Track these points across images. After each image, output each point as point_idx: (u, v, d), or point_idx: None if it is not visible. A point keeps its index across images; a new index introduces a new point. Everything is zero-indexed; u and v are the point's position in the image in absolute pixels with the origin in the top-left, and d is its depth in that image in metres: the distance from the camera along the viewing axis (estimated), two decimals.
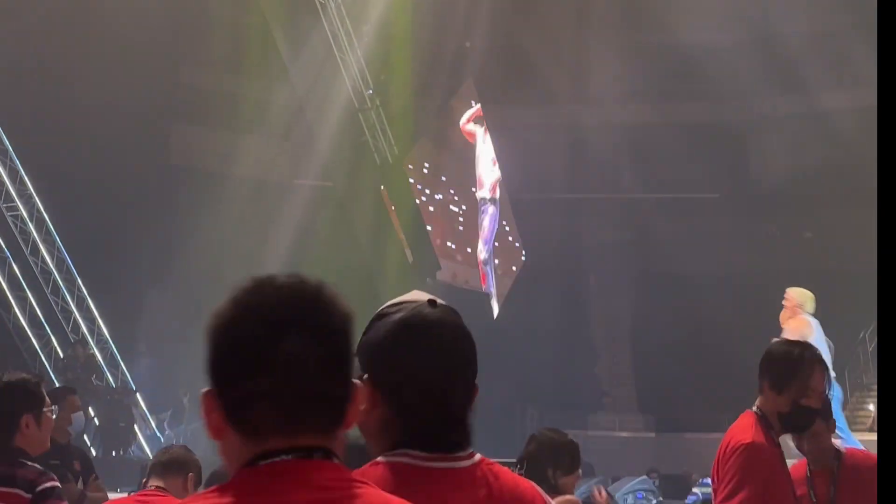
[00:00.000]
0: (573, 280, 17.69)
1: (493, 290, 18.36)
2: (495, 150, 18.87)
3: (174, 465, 4.47)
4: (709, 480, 5.09)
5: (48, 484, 3.89)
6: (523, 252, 18.83)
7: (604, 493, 5.63)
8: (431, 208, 18.75)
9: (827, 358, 10.80)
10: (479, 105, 19.12)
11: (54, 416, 4.28)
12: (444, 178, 19.20)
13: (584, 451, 13.60)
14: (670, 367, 15.70)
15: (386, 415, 1.77)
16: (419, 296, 1.87)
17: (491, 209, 18.52)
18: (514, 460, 11.96)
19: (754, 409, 3.85)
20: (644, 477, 11.04)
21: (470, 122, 19.10)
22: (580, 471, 4.99)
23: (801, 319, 10.28)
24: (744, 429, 3.76)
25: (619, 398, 16.86)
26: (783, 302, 10.36)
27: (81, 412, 7.41)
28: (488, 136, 18.92)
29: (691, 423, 14.00)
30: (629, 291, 17.25)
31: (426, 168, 19.09)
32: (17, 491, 3.81)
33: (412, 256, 17.33)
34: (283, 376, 1.41)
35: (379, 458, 1.77)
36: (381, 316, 1.91)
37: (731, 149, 18.36)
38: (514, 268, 18.89)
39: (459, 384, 1.83)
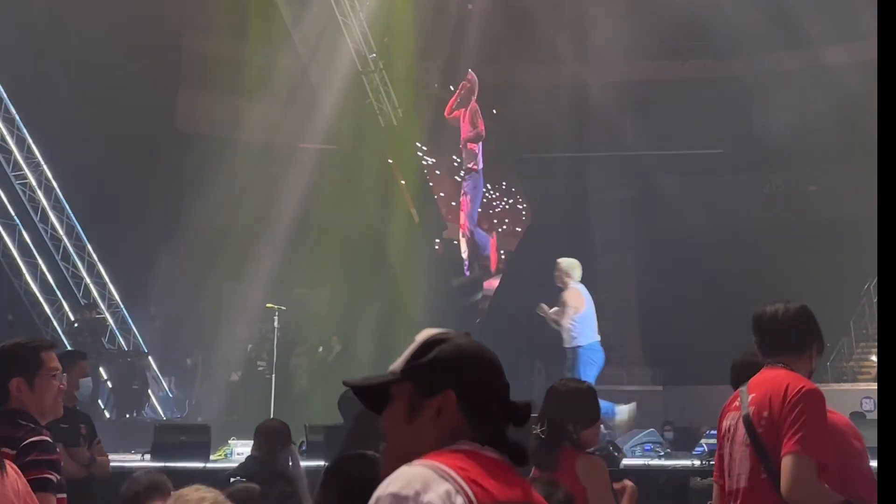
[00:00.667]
0: (579, 237, 17.76)
1: (487, 252, 18.49)
2: (494, 112, 18.90)
3: (152, 491, 4.44)
4: (713, 432, 5.18)
5: (34, 438, 3.95)
6: (529, 211, 18.90)
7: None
8: (437, 171, 18.84)
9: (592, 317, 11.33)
10: (462, 84, 18.99)
11: (59, 381, 4.27)
12: (446, 139, 19.25)
13: None
14: (677, 321, 15.83)
15: (459, 422, 2.12)
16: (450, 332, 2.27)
17: (471, 182, 18.54)
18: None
19: (779, 365, 3.91)
20: (651, 430, 11.12)
21: (452, 106, 19.02)
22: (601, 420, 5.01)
23: (573, 289, 10.99)
24: (798, 378, 3.83)
25: (625, 352, 16.98)
26: (555, 273, 10.87)
27: (89, 377, 7.55)
28: (474, 109, 18.87)
29: (698, 377, 14.12)
30: (635, 247, 17.35)
31: (430, 129, 19.13)
32: (4, 449, 3.82)
33: (418, 216, 17.43)
34: None
35: (462, 447, 2.09)
36: (441, 341, 2.23)
37: (735, 104, 18.37)
38: (518, 228, 18.98)
39: None
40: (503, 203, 18.86)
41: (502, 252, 18.67)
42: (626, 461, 9.43)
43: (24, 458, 3.86)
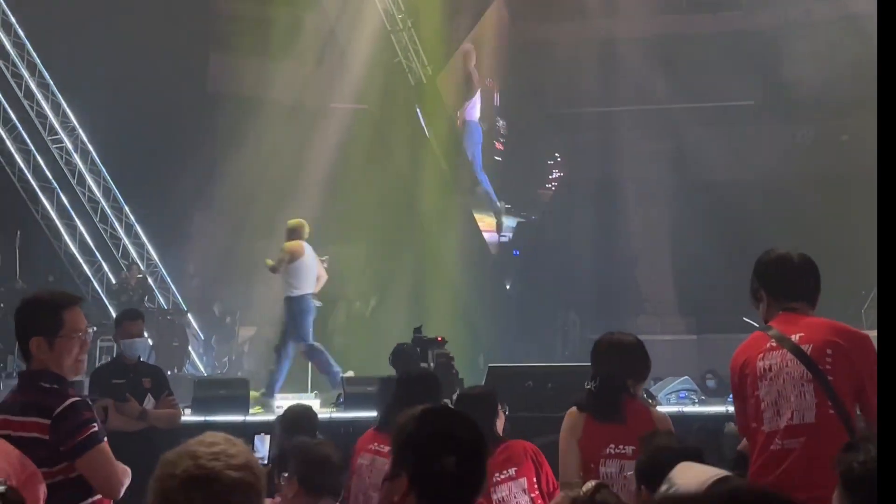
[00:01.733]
0: (610, 190, 17.81)
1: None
2: (523, 68, 18.93)
3: None
4: None
5: (64, 405, 3.89)
6: (560, 166, 18.95)
7: None
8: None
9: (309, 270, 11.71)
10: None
11: (84, 339, 4.15)
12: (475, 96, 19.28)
13: None
14: (709, 271, 15.88)
15: None
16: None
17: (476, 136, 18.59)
18: (563, 364, 12.17)
19: (797, 311, 4.00)
20: (686, 377, 11.27)
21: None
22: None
23: (295, 242, 11.57)
24: (848, 326, 3.93)
25: (659, 302, 17.06)
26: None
27: (147, 337, 7.75)
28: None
29: (731, 325, 14.17)
30: (667, 199, 17.35)
31: (459, 86, 19.17)
32: (35, 419, 3.85)
33: (450, 174, 17.52)
34: None
35: None
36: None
37: (764, 55, 18.23)
38: (550, 185, 19.03)
39: None
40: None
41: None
42: (659, 408, 9.57)
43: (60, 425, 3.85)
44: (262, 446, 6.09)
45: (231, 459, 2.11)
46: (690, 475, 2.85)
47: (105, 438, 3.98)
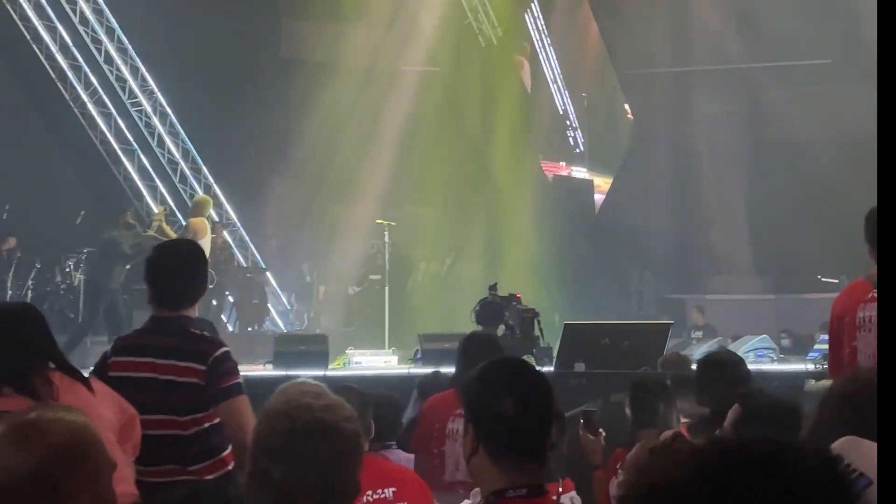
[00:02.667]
0: (684, 150, 17.65)
1: None
2: (596, 28, 18.82)
3: None
4: (826, 337, 5.26)
5: (221, 350, 3.97)
6: (634, 126, 18.83)
7: None
8: (537, 87, 18.87)
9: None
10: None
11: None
12: (548, 58, 19.22)
13: (704, 313, 13.69)
14: (786, 230, 15.71)
15: None
16: None
17: None
18: (639, 322, 12.23)
19: None
20: (764, 336, 11.20)
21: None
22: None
23: (199, 219, 11.73)
24: None
25: (736, 262, 16.90)
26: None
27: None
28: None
29: (809, 285, 14.07)
30: (742, 159, 17.16)
31: (530, 48, 19.12)
32: (193, 364, 3.91)
33: (522, 136, 17.52)
34: None
35: None
36: None
37: (841, 13, 17.89)
38: (618, 146, 18.93)
39: None
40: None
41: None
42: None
43: (215, 371, 3.91)
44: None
45: (341, 411, 2.17)
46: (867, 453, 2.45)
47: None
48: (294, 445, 2.10)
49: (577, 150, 18.71)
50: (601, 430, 5.02)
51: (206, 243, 11.40)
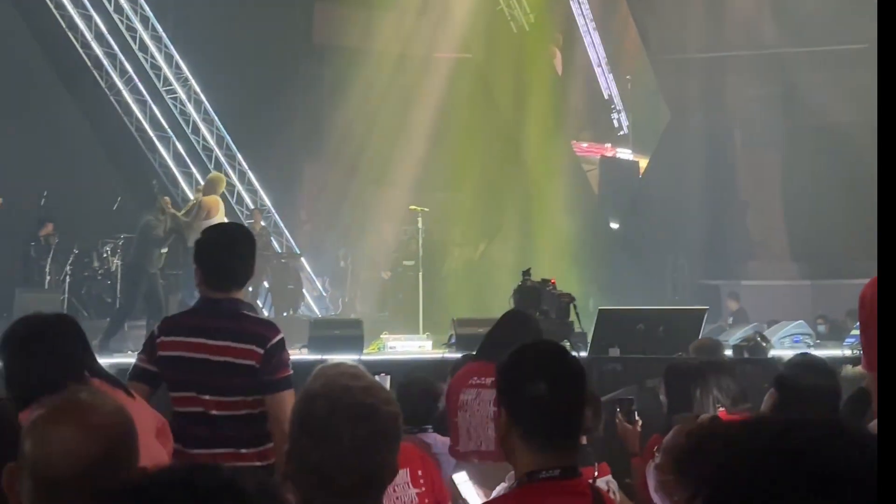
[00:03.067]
0: (718, 135, 17.54)
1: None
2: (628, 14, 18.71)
3: None
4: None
5: (279, 337, 3.96)
6: (667, 111, 18.71)
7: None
8: (570, 73, 18.77)
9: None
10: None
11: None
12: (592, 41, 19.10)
13: (739, 299, 13.59)
14: (822, 216, 15.59)
15: None
16: None
17: None
18: (674, 307, 12.14)
19: None
20: (801, 321, 11.15)
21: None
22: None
23: (212, 196, 11.66)
24: None
25: (771, 248, 16.79)
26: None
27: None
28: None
29: (845, 270, 13.95)
30: (777, 143, 17.03)
31: (563, 34, 19.03)
32: (252, 347, 3.89)
33: (554, 121, 17.48)
34: None
35: None
36: None
37: None
38: (657, 129, 18.80)
39: None
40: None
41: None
42: (773, 352, 9.54)
43: (272, 357, 3.90)
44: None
45: (380, 393, 2.16)
46: None
47: None
48: (333, 427, 2.08)
49: (622, 133, 18.65)
50: (637, 417, 5.05)
51: (219, 220, 11.37)
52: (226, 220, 11.28)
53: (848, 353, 9.19)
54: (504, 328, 5.71)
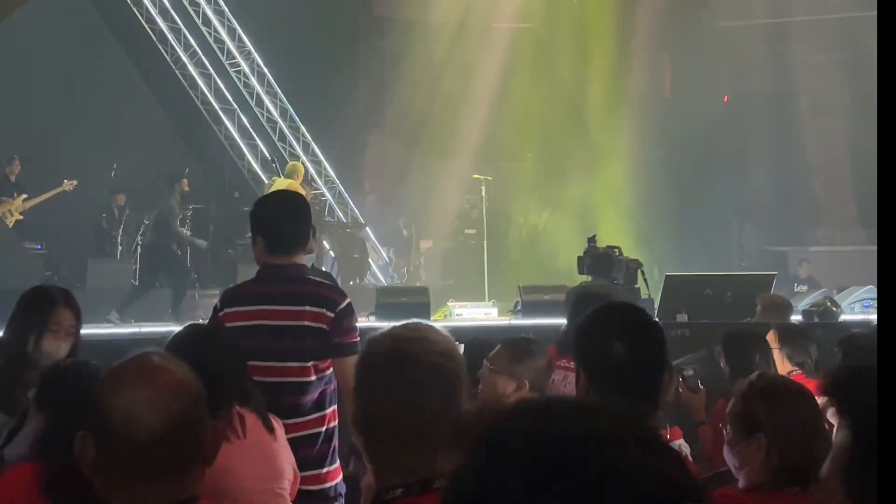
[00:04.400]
0: (784, 103, 17.29)
1: None
2: None
3: None
4: None
5: (347, 301, 3.94)
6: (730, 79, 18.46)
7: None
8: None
9: None
10: None
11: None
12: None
13: (809, 265, 13.36)
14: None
15: None
16: None
17: None
18: (741, 273, 12.05)
19: None
20: (870, 286, 11.01)
21: None
22: None
23: (291, 182, 11.79)
24: None
25: (838, 214, 16.57)
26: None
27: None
28: None
29: None
30: (845, 109, 16.76)
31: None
32: (323, 310, 3.86)
33: (615, 89, 17.34)
34: None
35: None
36: None
37: None
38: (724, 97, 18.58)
39: None
40: None
41: None
42: (844, 317, 9.45)
43: (342, 321, 3.88)
44: None
45: (432, 346, 2.09)
46: None
47: None
48: (371, 371, 2.09)
49: None
50: (701, 385, 5.03)
51: None
52: None
53: None
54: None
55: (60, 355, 3.82)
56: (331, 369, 3.94)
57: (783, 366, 5.29)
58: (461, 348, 6.53)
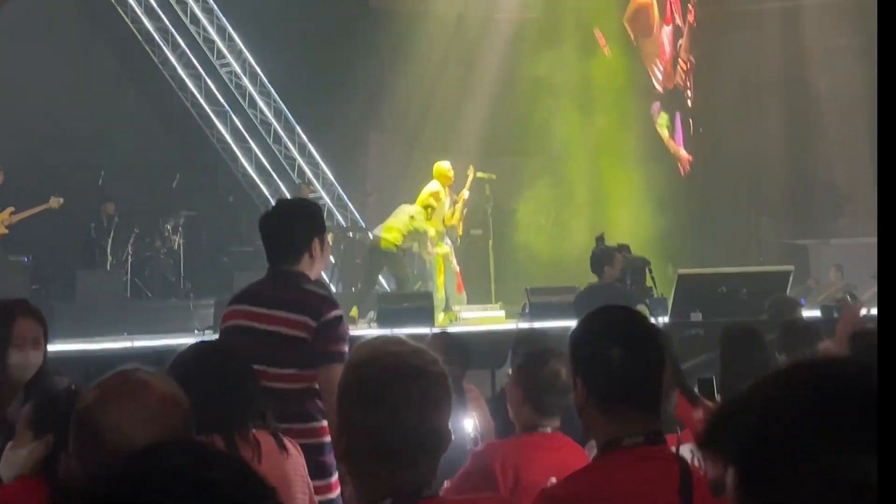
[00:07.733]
0: (799, 89, 16.85)
1: None
2: None
3: None
4: None
5: (333, 313, 3.89)
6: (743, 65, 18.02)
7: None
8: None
9: None
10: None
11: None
12: None
13: (828, 257, 13.28)
14: None
15: None
16: None
17: None
18: (756, 269, 11.70)
19: None
20: None
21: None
22: None
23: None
24: None
25: (859, 204, 16.18)
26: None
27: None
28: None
29: None
30: (863, 95, 16.24)
31: None
32: (305, 319, 3.84)
33: (624, 80, 16.86)
34: None
35: None
36: None
37: None
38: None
39: None
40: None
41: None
42: (865, 311, 9.09)
43: (326, 331, 3.85)
44: None
45: (425, 356, 2.13)
46: None
47: None
48: (381, 389, 2.05)
49: None
50: (717, 394, 4.79)
51: (438, 211, 11.73)
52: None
53: None
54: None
55: (32, 366, 3.75)
56: (311, 383, 3.91)
57: None
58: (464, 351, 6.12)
